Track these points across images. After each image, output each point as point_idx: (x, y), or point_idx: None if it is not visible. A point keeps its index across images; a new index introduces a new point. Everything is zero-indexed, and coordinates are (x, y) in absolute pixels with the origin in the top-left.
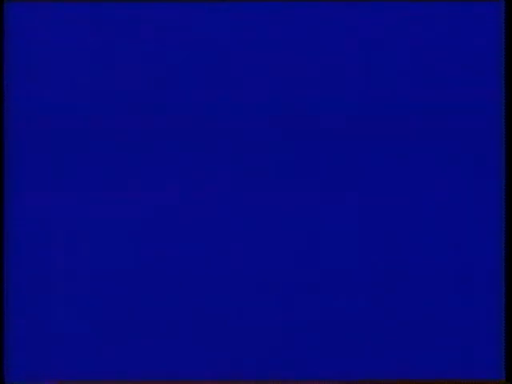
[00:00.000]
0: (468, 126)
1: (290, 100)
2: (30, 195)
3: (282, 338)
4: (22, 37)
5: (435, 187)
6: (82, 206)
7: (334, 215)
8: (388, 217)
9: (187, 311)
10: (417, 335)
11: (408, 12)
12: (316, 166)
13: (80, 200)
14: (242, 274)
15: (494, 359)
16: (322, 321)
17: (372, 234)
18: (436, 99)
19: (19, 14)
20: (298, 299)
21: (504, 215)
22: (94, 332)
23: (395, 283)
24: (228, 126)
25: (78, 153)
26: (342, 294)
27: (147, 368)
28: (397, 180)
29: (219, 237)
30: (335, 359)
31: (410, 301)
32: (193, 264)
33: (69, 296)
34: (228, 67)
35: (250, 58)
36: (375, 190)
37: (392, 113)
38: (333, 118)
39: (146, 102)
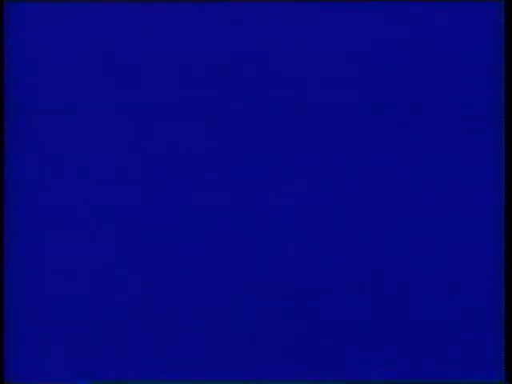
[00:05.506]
0: (468, 126)
1: (290, 99)
2: (31, 194)
3: (281, 338)
4: (22, 37)
5: (435, 187)
6: (82, 205)
7: (333, 214)
8: (387, 217)
9: (187, 311)
10: (416, 336)
11: (407, 12)
12: (315, 164)
13: (80, 199)
14: (241, 274)
15: (494, 360)
16: (321, 321)
17: (371, 233)
18: (435, 99)
19: (19, 14)
20: (298, 300)
21: (504, 215)
22: (95, 332)
23: (393, 284)
24: (228, 124)
25: (78, 152)
26: (340, 295)
27: (147, 369)
28: (397, 179)
29: (219, 236)
30: (334, 360)
31: (408, 302)
32: (193, 263)
33: (69, 296)
34: (225, 66)
35: (246, 57)
36: (374, 190)
37: (391, 112)
38: (332, 119)
39: (146, 102)
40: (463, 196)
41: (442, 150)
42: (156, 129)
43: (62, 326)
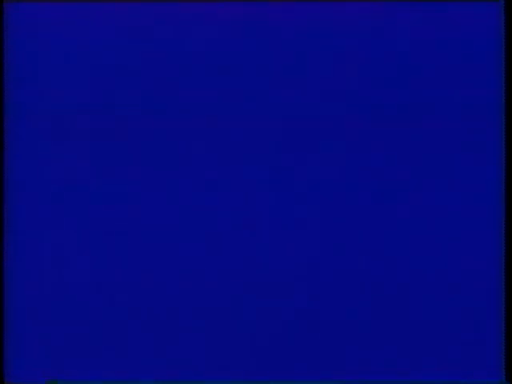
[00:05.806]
0: (468, 127)
1: (290, 99)
2: (31, 194)
3: (280, 338)
4: (22, 37)
5: (435, 187)
6: (82, 204)
7: (333, 214)
8: (387, 217)
9: (187, 311)
10: (416, 336)
11: (407, 12)
12: (316, 164)
13: (80, 199)
14: (241, 274)
15: (493, 360)
16: (322, 321)
17: (371, 233)
18: (435, 99)
19: (19, 14)
20: (298, 300)
21: (504, 215)
22: (95, 332)
23: (393, 284)
24: (228, 124)
25: (78, 152)
26: (340, 295)
27: (147, 369)
28: (397, 179)
29: (219, 236)
30: (334, 360)
31: (408, 302)
32: (193, 263)
33: (70, 296)
34: (225, 66)
35: (246, 57)
36: (374, 190)
37: (391, 112)
38: (332, 119)
39: (146, 102)
40: (463, 196)
41: (442, 149)
42: (156, 128)
43: (62, 326)
